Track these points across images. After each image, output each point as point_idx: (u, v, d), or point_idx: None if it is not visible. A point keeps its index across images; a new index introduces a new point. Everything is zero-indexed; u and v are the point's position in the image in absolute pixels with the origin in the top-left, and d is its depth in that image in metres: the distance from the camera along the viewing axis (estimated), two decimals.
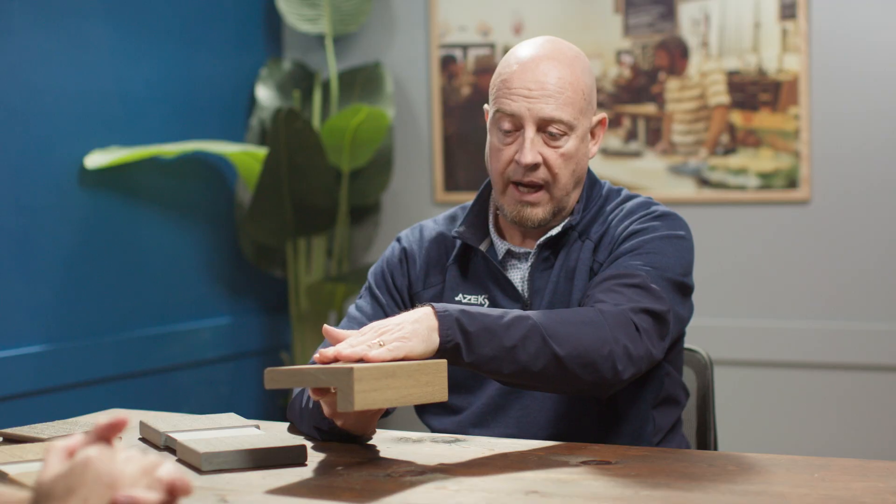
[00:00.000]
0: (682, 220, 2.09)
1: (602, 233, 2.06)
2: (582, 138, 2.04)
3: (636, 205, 2.09)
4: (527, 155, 1.99)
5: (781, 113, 3.58)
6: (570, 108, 2.00)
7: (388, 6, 4.04)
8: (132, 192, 3.58)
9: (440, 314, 1.77)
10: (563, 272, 2.05)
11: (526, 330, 1.81)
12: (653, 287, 1.94)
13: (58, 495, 1.13)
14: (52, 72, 3.34)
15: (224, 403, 3.81)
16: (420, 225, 2.20)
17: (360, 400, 1.66)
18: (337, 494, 1.62)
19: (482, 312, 1.81)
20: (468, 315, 1.79)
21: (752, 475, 1.67)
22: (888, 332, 3.49)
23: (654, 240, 2.01)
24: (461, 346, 1.78)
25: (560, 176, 2.02)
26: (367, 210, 4.05)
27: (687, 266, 2.03)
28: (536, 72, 2.01)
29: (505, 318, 1.82)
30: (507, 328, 1.80)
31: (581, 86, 2.02)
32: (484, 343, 1.79)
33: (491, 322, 1.80)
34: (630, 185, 3.73)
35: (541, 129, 2.01)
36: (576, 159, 2.03)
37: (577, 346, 1.83)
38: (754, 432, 3.63)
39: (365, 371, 1.66)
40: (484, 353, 1.79)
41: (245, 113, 4.01)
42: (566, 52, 2.04)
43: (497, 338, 1.79)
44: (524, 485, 1.64)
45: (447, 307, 1.79)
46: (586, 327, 1.84)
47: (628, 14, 3.73)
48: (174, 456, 1.86)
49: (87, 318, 3.43)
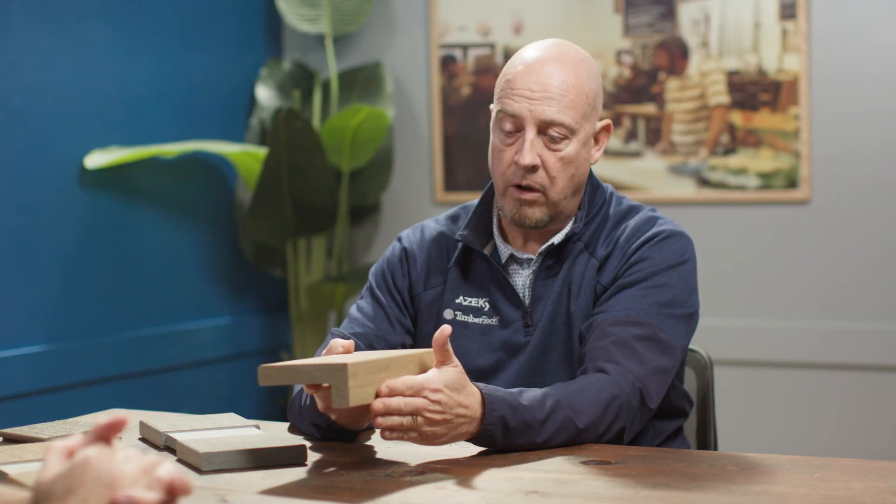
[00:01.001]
0: (686, 237, 2.08)
1: (607, 254, 2.05)
2: (583, 143, 2.03)
3: (641, 222, 2.07)
4: (525, 156, 1.99)
5: (781, 113, 3.58)
6: (573, 111, 1.99)
7: (388, 6, 4.04)
8: (132, 192, 3.58)
9: (488, 413, 1.78)
10: (568, 285, 2.05)
11: (560, 423, 1.84)
12: (662, 338, 1.96)
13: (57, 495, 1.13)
14: (52, 72, 3.34)
15: (224, 403, 3.81)
16: (421, 225, 2.19)
17: (355, 395, 1.66)
18: (336, 494, 1.62)
19: (525, 406, 1.82)
20: (513, 410, 1.80)
21: (752, 475, 1.67)
22: (888, 332, 3.49)
23: (661, 272, 2.02)
24: (497, 439, 1.80)
25: (557, 180, 2.01)
26: (367, 210, 4.05)
27: (692, 290, 2.05)
28: (540, 73, 2.00)
29: (543, 411, 1.83)
30: (544, 424, 1.83)
31: (585, 90, 2.01)
32: (520, 436, 1.82)
33: (531, 417, 1.82)
34: (630, 185, 3.73)
35: (541, 131, 2.00)
36: (575, 164, 2.02)
37: (596, 427, 1.87)
38: (754, 432, 3.63)
39: (359, 367, 1.66)
40: (517, 444, 1.82)
41: (245, 113, 4.01)
42: (572, 56, 2.03)
43: (533, 433, 1.82)
44: (524, 485, 1.64)
45: (494, 400, 1.79)
46: (610, 408, 1.88)
47: (628, 14, 3.73)
48: (174, 456, 1.86)
49: (87, 318, 3.43)
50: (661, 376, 1.96)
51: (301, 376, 1.71)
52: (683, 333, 2.02)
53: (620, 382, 1.90)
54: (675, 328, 1.99)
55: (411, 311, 2.14)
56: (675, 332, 1.99)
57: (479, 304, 2.09)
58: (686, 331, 2.03)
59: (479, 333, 2.08)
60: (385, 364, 1.71)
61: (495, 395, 1.79)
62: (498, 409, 1.78)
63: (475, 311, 2.09)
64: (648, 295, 2.00)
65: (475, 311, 2.09)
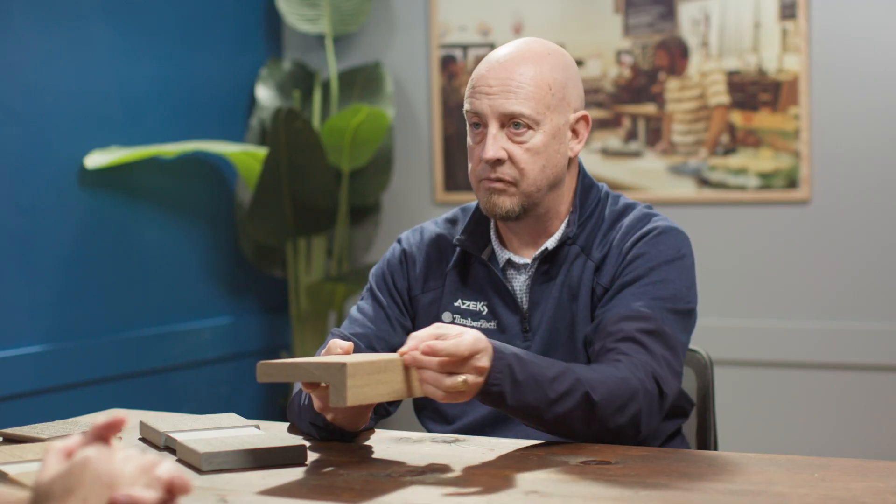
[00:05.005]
0: (681, 233, 2.08)
1: (604, 255, 2.05)
2: (553, 135, 2.02)
3: (635, 220, 2.08)
4: (488, 150, 2.00)
5: (781, 113, 3.58)
6: (532, 102, 2.00)
7: (388, 6, 4.04)
8: (132, 192, 3.58)
9: (496, 356, 1.78)
10: (566, 289, 2.05)
11: (571, 385, 1.83)
12: (667, 332, 1.96)
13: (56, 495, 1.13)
14: (52, 72, 3.34)
15: (224, 403, 3.81)
16: (421, 227, 2.20)
17: (353, 395, 1.65)
18: (337, 494, 1.62)
19: (533, 361, 1.82)
20: (521, 362, 1.80)
21: (752, 475, 1.67)
22: (888, 332, 3.49)
23: (659, 267, 2.02)
24: (506, 392, 1.79)
25: (527, 171, 2.01)
26: (367, 210, 4.05)
27: (691, 286, 2.05)
28: (500, 70, 2.02)
29: (553, 370, 1.83)
30: (554, 382, 1.82)
31: (547, 81, 2.01)
32: (529, 391, 1.81)
33: (539, 373, 1.82)
34: (630, 185, 3.73)
35: (504, 125, 2.01)
36: (545, 155, 2.02)
37: (610, 402, 1.86)
38: (754, 432, 3.63)
39: (358, 366, 1.66)
40: (527, 402, 1.81)
41: (245, 113, 4.01)
42: (535, 49, 2.04)
43: (542, 389, 1.82)
44: (524, 485, 1.64)
45: (502, 349, 1.79)
46: (624, 386, 1.87)
47: (628, 14, 3.73)
48: (174, 456, 1.86)
49: (87, 318, 3.43)
50: (672, 367, 1.96)
51: (300, 374, 1.71)
52: (683, 329, 2.02)
53: (633, 370, 1.90)
54: (675, 324, 1.99)
55: (411, 311, 2.14)
56: (675, 327, 1.99)
57: (477, 308, 2.09)
58: (686, 326, 2.03)
59: None
60: (384, 366, 1.71)
61: (503, 346, 1.81)
62: (506, 357, 1.79)
63: (473, 314, 2.09)
64: (649, 291, 2.00)
65: (473, 314, 2.09)
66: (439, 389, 1.74)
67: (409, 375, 1.76)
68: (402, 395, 1.75)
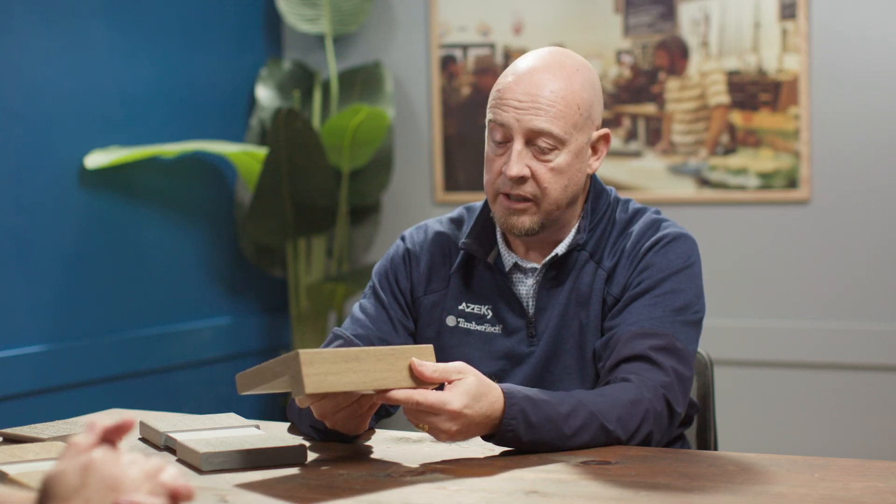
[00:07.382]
0: (690, 238, 2.07)
1: (614, 264, 2.04)
2: (577, 154, 1.99)
3: (645, 227, 2.06)
4: (512, 167, 1.96)
5: (781, 113, 3.58)
6: (562, 121, 1.96)
7: (388, 6, 4.04)
8: (132, 192, 3.58)
9: (507, 401, 1.78)
10: (575, 296, 2.03)
11: (585, 419, 1.83)
12: (678, 347, 1.95)
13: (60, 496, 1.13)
14: (52, 72, 3.34)
15: (224, 403, 3.81)
16: (425, 224, 2.17)
17: (312, 383, 1.64)
18: (337, 494, 1.62)
19: (545, 401, 1.81)
20: (533, 403, 1.80)
21: (752, 475, 1.67)
22: (888, 332, 3.49)
23: (670, 277, 2.01)
24: (521, 434, 1.79)
25: (550, 190, 1.98)
26: (367, 210, 4.05)
27: (700, 294, 2.05)
28: (530, 83, 1.97)
29: (566, 406, 1.83)
30: (568, 418, 1.82)
31: (577, 100, 1.98)
32: (544, 431, 1.81)
33: (553, 412, 1.81)
34: (630, 185, 3.73)
35: (530, 141, 1.97)
36: (568, 175, 1.99)
37: (625, 426, 1.86)
38: (754, 432, 3.63)
39: (316, 354, 1.64)
40: (543, 440, 1.81)
41: (245, 113, 4.01)
42: (566, 65, 2.00)
43: (557, 428, 1.81)
44: (524, 485, 1.64)
45: (514, 394, 1.79)
46: (635, 408, 1.87)
47: (628, 14, 3.73)
48: (174, 456, 1.86)
49: (87, 318, 3.43)
50: (683, 383, 1.95)
51: (267, 376, 1.70)
52: (694, 339, 2.02)
53: (643, 390, 1.89)
54: (688, 335, 1.99)
55: (413, 313, 2.13)
56: (688, 338, 1.99)
57: (481, 312, 2.07)
58: (696, 337, 2.03)
59: (481, 341, 2.06)
60: (355, 354, 1.68)
61: (514, 390, 1.80)
62: (518, 402, 1.78)
63: (478, 318, 2.07)
64: (660, 303, 1.98)
65: (478, 318, 2.07)
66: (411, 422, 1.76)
67: (391, 365, 1.71)
68: (380, 387, 1.70)
